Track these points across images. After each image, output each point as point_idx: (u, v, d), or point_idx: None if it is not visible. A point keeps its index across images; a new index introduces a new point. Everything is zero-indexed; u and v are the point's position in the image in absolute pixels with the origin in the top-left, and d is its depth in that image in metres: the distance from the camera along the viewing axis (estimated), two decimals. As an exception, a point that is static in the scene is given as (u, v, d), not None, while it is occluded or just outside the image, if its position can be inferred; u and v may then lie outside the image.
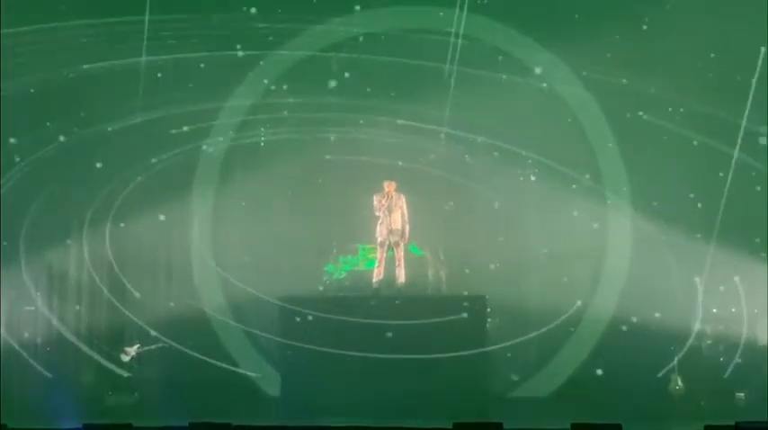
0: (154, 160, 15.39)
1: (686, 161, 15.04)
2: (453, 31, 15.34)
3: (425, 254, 14.89)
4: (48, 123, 15.33)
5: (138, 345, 15.06)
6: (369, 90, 15.47)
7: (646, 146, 15.10)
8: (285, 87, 15.55)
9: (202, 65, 15.42)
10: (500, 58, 15.41)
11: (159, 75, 15.47)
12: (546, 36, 15.25)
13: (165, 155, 15.40)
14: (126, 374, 14.98)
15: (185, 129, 15.34)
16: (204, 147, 15.57)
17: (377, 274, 14.39)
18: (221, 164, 15.67)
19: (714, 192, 14.94)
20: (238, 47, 15.40)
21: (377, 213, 14.30)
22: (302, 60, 15.57)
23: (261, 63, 15.58)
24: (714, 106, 14.90)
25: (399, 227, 14.28)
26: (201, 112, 15.41)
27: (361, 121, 15.50)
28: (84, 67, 15.30)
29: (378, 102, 15.45)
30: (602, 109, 15.26)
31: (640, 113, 15.12)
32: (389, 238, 14.29)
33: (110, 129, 15.34)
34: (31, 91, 15.21)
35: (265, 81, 15.60)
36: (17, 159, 15.20)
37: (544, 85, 15.39)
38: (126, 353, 15.01)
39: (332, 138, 15.48)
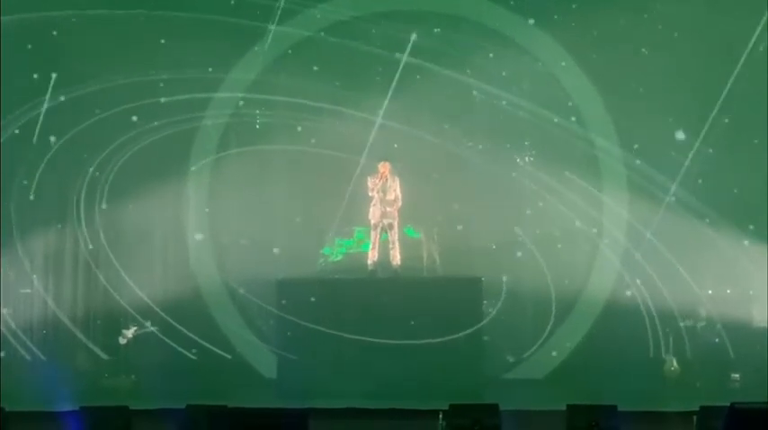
0: (148, 127, 15.26)
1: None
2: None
3: (420, 236, 14.87)
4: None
5: (135, 328, 15.07)
6: (369, 71, 15.39)
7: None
8: (286, 67, 15.42)
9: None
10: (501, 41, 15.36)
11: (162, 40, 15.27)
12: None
13: (161, 122, 15.30)
14: (122, 357, 14.99)
15: (181, 98, 15.23)
16: (203, 122, 15.47)
17: (371, 257, 14.37)
18: (218, 142, 15.60)
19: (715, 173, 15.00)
20: (245, 18, 15.26)
21: (370, 194, 14.29)
22: (305, 40, 15.48)
23: (269, 36, 15.46)
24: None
25: (393, 209, 14.28)
26: (199, 81, 15.28)
27: (360, 103, 15.41)
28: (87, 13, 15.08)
29: (377, 84, 15.41)
30: (598, 89, 15.25)
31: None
32: (383, 221, 14.29)
33: (102, 89, 15.16)
34: (29, 46, 15.14)
35: (265, 60, 15.46)
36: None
37: (540, 65, 15.36)
38: (123, 336, 15.02)
39: (330, 118, 15.38)
